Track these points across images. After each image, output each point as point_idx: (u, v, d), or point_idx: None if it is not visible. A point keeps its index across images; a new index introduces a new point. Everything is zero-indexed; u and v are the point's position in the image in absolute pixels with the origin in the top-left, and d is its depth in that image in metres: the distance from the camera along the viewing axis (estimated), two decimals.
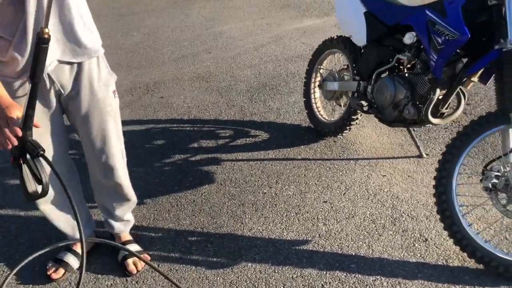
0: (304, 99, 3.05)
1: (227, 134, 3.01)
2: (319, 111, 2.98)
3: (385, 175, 2.49)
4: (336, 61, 2.97)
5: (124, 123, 3.17)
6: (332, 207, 2.27)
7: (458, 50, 1.98)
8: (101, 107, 1.64)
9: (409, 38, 2.15)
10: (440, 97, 2.10)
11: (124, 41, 5.06)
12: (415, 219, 2.15)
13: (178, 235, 2.13)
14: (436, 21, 1.94)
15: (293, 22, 5.40)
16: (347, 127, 2.73)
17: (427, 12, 2.01)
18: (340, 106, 2.86)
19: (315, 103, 3.00)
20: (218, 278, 1.87)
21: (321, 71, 2.95)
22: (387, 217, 2.18)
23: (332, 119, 2.90)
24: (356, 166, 2.60)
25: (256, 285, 1.83)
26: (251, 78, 3.90)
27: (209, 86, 3.77)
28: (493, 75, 1.90)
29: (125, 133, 1.86)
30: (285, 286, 1.82)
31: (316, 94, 3.00)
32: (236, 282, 1.85)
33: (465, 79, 2.01)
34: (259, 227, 2.15)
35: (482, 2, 1.85)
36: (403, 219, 2.16)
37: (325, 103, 3.05)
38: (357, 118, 2.68)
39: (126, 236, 2.02)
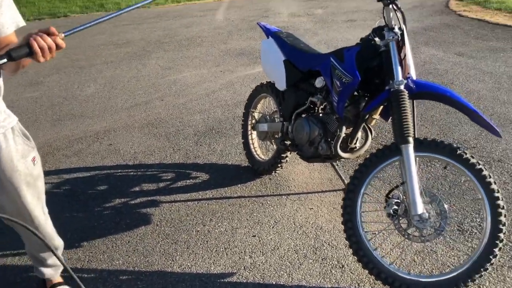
0: (243, 140, 3.24)
1: (169, 177, 3.15)
2: (256, 151, 3.17)
3: (312, 208, 2.66)
4: (267, 104, 3.20)
5: (70, 170, 3.31)
6: (260, 241, 2.41)
7: (360, 91, 2.22)
8: (20, 178, 1.69)
9: (318, 82, 2.40)
10: (348, 133, 2.31)
11: (80, 92, 5.22)
12: (335, 248, 2.30)
13: (110, 275, 2.22)
14: (336, 66, 2.19)
15: (245, 69, 5.70)
16: (279, 165, 2.92)
17: (331, 58, 2.26)
18: (273, 145, 3.06)
19: (252, 144, 3.19)
20: None
21: (255, 114, 3.16)
22: (309, 247, 2.33)
23: (266, 158, 3.09)
24: (287, 201, 2.77)
25: None
26: (200, 123, 4.09)
27: (158, 132, 3.94)
28: None
29: (68, 181, 1.99)
30: None
31: (253, 135, 3.20)
32: None
33: (367, 117, 2.24)
34: (188, 263, 2.27)
35: (375, 48, 2.10)
36: (324, 248, 2.31)
37: (261, 144, 3.25)
38: (286, 156, 2.88)
39: (58, 279, 2.10)
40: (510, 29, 6.82)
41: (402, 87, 1.99)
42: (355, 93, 2.25)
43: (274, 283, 2.10)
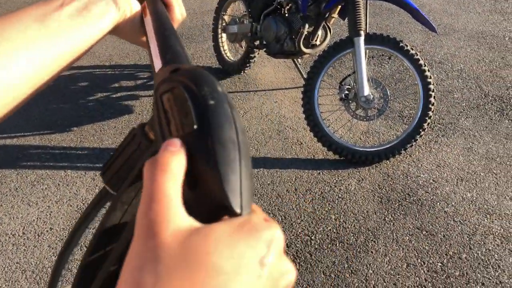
0: (213, 43, 3.49)
1: (145, 76, 3.41)
2: (225, 53, 3.45)
3: (276, 102, 3.03)
4: (237, 8, 3.42)
5: None
6: None
7: None
8: None
9: None
10: (310, 31, 2.63)
11: None
12: (295, 130, 2.71)
13: (102, 151, 2.55)
14: None
15: None
16: (247, 65, 3.23)
17: None
18: (242, 47, 3.34)
19: (222, 47, 3.46)
20: None
21: (225, 17, 3.39)
22: (273, 130, 2.72)
23: (235, 59, 3.38)
24: (254, 96, 3.11)
25: None
26: None
27: None
28: None
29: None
30: None
31: (223, 38, 3.45)
32: None
33: (327, 15, 2.55)
34: None
35: None
36: (286, 130, 2.72)
37: (231, 46, 3.51)
38: (254, 57, 3.18)
39: None
40: None
41: None
42: None
43: None
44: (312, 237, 1.96)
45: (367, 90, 2.31)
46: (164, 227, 0.23)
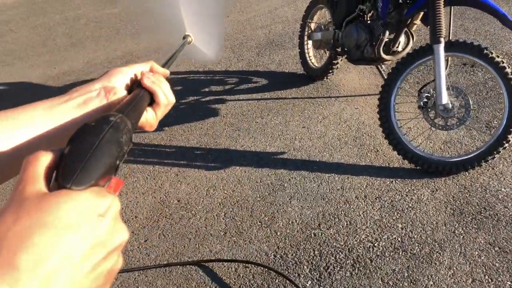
0: (299, 50, 3.60)
1: (233, 81, 3.62)
2: (310, 59, 3.53)
3: (357, 108, 3.04)
4: (323, 15, 3.49)
5: None
6: (308, 131, 2.85)
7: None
8: None
9: None
10: (391, 38, 2.61)
11: (154, 7, 5.70)
12: (373, 137, 2.70)
13: (187, 150, 2.78)
14: None
15: None
16: (330, 71, 3.28)
17: None
18: (326, 54, 3.39)
19: (308, 53, 3.54)
20: (213, 176, 2.52)
21: (311, 25, 3.47)
22: (350, 136, 2.74)
23: (320, 66, 3.44)
24: (335, 101, 3.15)
25: (240, 179, 2.46)
26: (261, 37, 4.46)
27: (224, 45, 4.36)
28: None
29: None
30: (261, 180, 2.44)
31: (309, 45, 3.54)
32: (226, 178, 2.49)
33: (408, 22, 2.52)
34: (248, 144, 2.78)
35: None
36: (363, 137, 2.72)
37: (316, 53, 3.58)
38: (337, 63, 3.22)
39: None
40: None
41: None
42: (400, 1, 2.51)
43: (317, 160, 2.56)
44: (375, 244, 1.96)
45: (445, 99, 2.24)
46: (28, 187, 0.35)
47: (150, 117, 0.63)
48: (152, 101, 0.62)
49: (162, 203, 2.37)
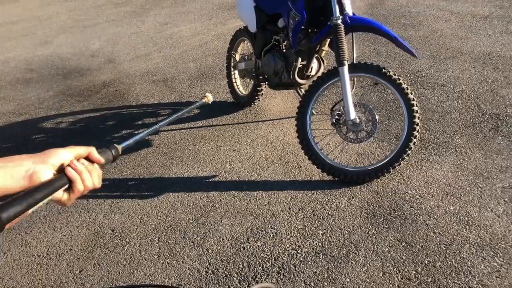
0: (227, 79, 3.80)
1: (166, 112, 3.75)
2: (238, 88, 3.74)
3: (282, 129, 3.26)
4: (245, 46, 3.73)
5: (83, 112, 3.93)
6: (238, 153, 3.02)
7: (311, 28, 2.75)
8: None
9: (280, 22, 2.93)
10: (304, 64, 2.86)
11: (86, 48, 5.77)
12: (296, 155, 2.91)
13: (121, 182, 2.86)
14: (291, 8, 2.71)
15: (236, 21, 6.15)
16: (256, 97, 3.50)
17: (288, 2, 2.78)
18: (251, 81, 3.61)
19: (235, 82, 3.76)
20: (146, 204, 2.61)
21: (236, 56, 3.70)
22: (276, 155, 2.94)
23: (247, 93, 3.66)
24: (262, 125, 3.36)
25: (173, 204, 2.57)
26: (193, 70, 4.65)
27: (157, 79, 4.51)
28: None
29: (82, 120, 2.63)
30: (194, 203, 2.57)
31: (236, 75, 3.75)
32: (159, 204, 2.59)
33: (318, 48, 2.78)
34: (181, 171, 2.90)
35: None
36: (288, 155, 2.92)
37: (243, 81, 3.80)
38: (262, 89, 3.45)
39: None
40: None
41: (339, 21, 2.51)
42: (309, 30, 2.78)
43: (247, 180, 2.72)
44: (299, 251, 2.13)
45: (353, 115, 2.49)
46: None
47: (64, 199, 0.73)
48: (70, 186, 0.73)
49: (96, 234, 2.42)
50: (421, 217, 2.23)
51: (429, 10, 5.51)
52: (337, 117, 2.61)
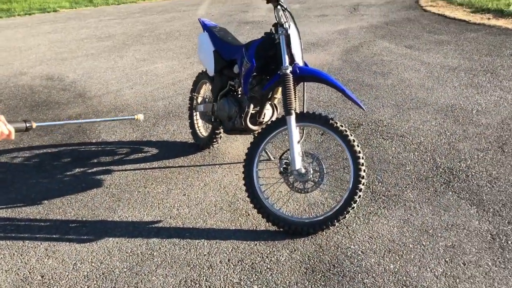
0: (189, 120, 3.77)
1: (124, 152, 3.69)
2: (199, 129, 3.71)
3: (237, 174, 3.20)
4: (207, 89, 3.72)
5: (41, 147, 3.85)
6: (188, 198, 2.95)
7: (264, 75, 2.75)
8: None
9: (236, 68, 2.93)
10: (257, 110, 2.84)
11: (59, 82, 5.75)
12: (247, 202, 2.84)
13: (62, 223, 2.76)
14: (244, 55, 2.71)
15: None
16: (215, 140, 3.46)
17: (242, 49, 2.79)
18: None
19: (197, 123, 3.73)
20: (83, 249, 2.51)
21: (198, 98, 3.69)
22: (226, 201, 2.87)
23: (206, 135, 3.62)
24: (218, 169, 3.30)
25: (111, 251, 2.47)
26: (161, 108, 4.62)
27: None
28: None
29: (38, 155, 2.58)
30: (132, 250, 2.47)
31: (197, 116, 3.73)
32: (96, 250, 2.49)
33: (270, 96, 2.77)
34: (127, 215, 2.81)
35: (273, 40, 2.62)
36: (238, 202, 2.85)
37: (203, 123, 3.77)
38: (220, 132, 3.41)
39: None
40: (463, 24, 7.34)
41: (288, 71, 2.51)
42: (262, 77, 2.77)
43: (191, 226, 2.64)
44: None
45: (298, 164, 2.45)
46: None
47: None
48: None
49: (24, 280, 2.30)
50: (359, 274, 2.15)
51: (401, 59, 5.61)
52: (284, 165, 2.57)
